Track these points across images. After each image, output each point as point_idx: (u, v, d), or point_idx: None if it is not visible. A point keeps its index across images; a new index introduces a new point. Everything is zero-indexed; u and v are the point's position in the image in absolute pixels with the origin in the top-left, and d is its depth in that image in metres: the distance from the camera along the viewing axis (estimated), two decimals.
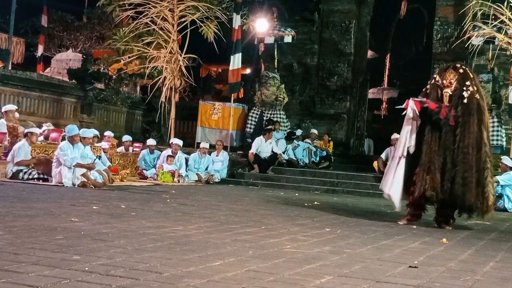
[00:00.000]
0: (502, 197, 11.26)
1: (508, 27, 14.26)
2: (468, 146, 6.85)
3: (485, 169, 6.89)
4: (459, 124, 6.92)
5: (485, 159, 6.90)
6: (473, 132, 6.89)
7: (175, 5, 15.79)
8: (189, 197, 9.49)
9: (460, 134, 6.89)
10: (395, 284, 3.51)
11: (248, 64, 21.29)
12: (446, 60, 17.73)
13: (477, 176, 6.84)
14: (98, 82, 18.89)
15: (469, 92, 6.96)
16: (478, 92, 7.05)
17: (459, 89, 7.00)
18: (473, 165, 6.82)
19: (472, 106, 6.95)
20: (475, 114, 6.93)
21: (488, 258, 4.84)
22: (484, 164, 6.89)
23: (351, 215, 8.22)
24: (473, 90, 6.99)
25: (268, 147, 15.16)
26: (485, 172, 6.88)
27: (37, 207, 6.39)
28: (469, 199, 6.81)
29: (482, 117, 6.99)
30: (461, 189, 6.81)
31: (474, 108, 6.95)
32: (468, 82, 7.01)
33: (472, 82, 7.04)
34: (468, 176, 6.80)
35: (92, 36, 25.96)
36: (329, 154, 16.98)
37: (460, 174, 6.81)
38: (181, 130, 19.20)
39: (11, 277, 3.00)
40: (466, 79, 7.03)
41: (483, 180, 6.87)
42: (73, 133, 10.37)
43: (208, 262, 3.79)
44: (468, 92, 6.96)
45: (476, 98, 7.00)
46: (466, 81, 7.02)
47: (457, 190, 6.82)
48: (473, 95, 6.98)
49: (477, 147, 6.90)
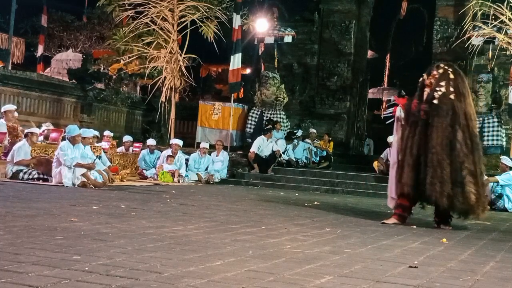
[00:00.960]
0: (502, 197, 11.24)
1: (508, 27, 14.27)
2: (436, 146, 6.81)
3: (463, 169, 6.78)
4: (430, 125, 6.93)
5: (463, 158, 6.81)
6: (443, 132, 6.84)
7: (175, 5, 15.79)
8: (189, 197, 9.49)
9: (429, 135, 6.89)
10: (395, 284, 3.51)
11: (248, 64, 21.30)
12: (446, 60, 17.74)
13: (453, 175, 6.76)
14: (98, 82, 18.89)
15: (440, 92, 6.93)
16: (454, 93, 6.96)
17: (433, 89, 7.01)
18: (443, 164, 6.76)
19: (442, 107, 6.90)
20: (445, 116, 6.87)
21: (488, 258, 4.84)
22: (461, 165, 6.79)
23: (351, 215, 8.22)
24: (445, 91, 6.93)
25: (269, 147, 15.17)
26: (463, 172, 6.78)
27: (37, 207, 6.39)
28: (441, 200, 6.75)
29: (456, 117, 6.89)
30: (430, 188, 6.76)
31: (445, 108, 6.89)
32: (442, 83, 6.98)
33: (448, 84, 6.98)
34: (436, 176, 6.74)
35: (92, 36, 25.97)
36: (329, 154, 16.99)
37: (429, 174, 6.78)
38: (181, 130, 19.20)
39: (11, 277, 3.00)
40: (442, 80, 7.01)
41: (461, 179, 6.77)
42: (74, 134, 10.37)
43: (208, 262, 3.79)
44: (439, 92, 6.94)
45: (450, 98, 6.93)
46: (441, 82, 6.99)
47: (428, 190, 6.78)
48: (446, 96, 6.93)
49: (450, 146, 6.83)
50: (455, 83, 7.05)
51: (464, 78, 7.30)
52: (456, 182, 6.78)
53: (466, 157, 6.84)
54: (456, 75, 7.14)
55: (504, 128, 15.27)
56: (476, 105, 15.39)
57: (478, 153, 7.03)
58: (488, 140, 14.99)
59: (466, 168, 6.80)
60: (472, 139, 6.99)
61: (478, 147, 7.08)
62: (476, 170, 6.91)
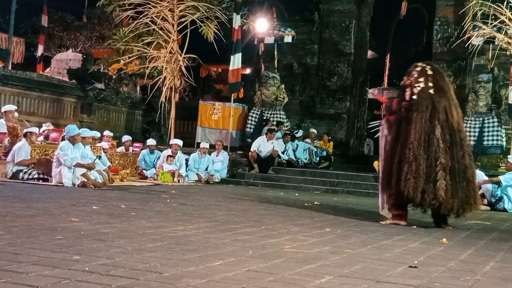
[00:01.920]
0: (502, 199, 11.21)
1: (508, 27, 14.26)
2: (413, 142, 6.82)
3: (437, 164, 6.77)
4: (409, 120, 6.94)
5: (438, 154, 6.80)
6: (421, 127, 6.84)
7: (175, 5, 15.79)
8: (189, 197, 9.48)
9: (408, 131, 6.89)
10: (395, 284, 3.51)
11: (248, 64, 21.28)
12: (446, 60, 17.77)
13: (427, 170, 6.75)
14: (98, 82, 18.90)
15: (419, 88, 6.96)
16: (433, 88, 6.99)
17: (412, 86, 7.05)
18: (419, 160, 6.76)
19: (421, 101, 6.92)
20: (424, 111, 6.89)
21: (488, 258, 4.83)
22: (436, 161, 6.78)
23: (351, 215, 8.22)
24: (424, 87, 6.97)
25: (269, 147, 15.16)
26: (437, 167, 6.77)
27: (37, 207, 6.39)
28: (409, 194, 6.73)
29: (435, 112, 6.90)
30: (404, 184, 6.76)
31: (424, 103, 6.91)
32: (421, 79, 7.02)
33: (427, 80, 7.01)
34: (410, 171, 6.74)
35: (92, 36, 25.96)
36: (329, 154, 16.98)
37: (405, 169, 6.78)
38: (181, 130, 19.21)
39: (11, 277, 3.00)
40: (420, 76, 7.05)
41: (434, 175, 6.76)
42: (74, 133, 10.38)
43: (208, 262, 3.79)
44: (417, 88, 6.97)
45: (429, 93, 6.96)
46: (420, 78, 7.04)
47: (401, 186, 6.78)
48: (424, 92, 6.96)
49: (428, 141, 6.83)
50: (434, 78, 7.09)
51: (443, 74, 7.34)
52: (429, 178, 6.77)
53: (442, 153, 6.82)
54: (434, 71, 7.18)
55: (504, 128, 15.27)
56: (476, 105, 15.41)
57: (461, 148, 6.98)
58: (488, 140, 14.99)
59: (441, 163, 6.78)
60: (453, 134, 6.95)
61: (461, 143, 7.01)
62: (455, 165, 6.86)
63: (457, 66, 17.62)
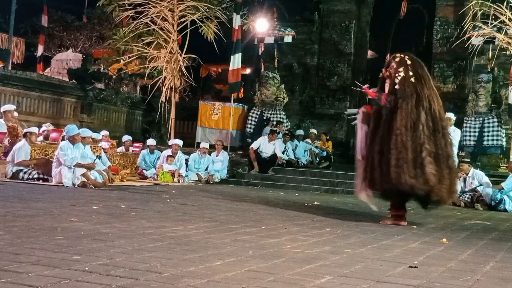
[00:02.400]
0: (502, 201, 11.18)
1: (508, 27, 14.26)
2: (400, 128, 6.78)
3: (423, 150, 6.74)
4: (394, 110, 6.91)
5: (423, 140, 6.77)
6: (408, 113, 6.82)
7: (175, 5, 15.79)
8: (189, 197, 9.48)
9: (395, 119, 6.85)
10: (395, 284, 3.51)
11: (248, 64, 21.30)
12: (446, 60, 17.79)
13: (413, 156, 6.73)
14: (98, 82, 18.91)
15: (400, 77, 6.95)
16: (414, 76, 6.97)
17: (393, 77, 7.03)
18: (407, 145, 6.73)
19: (406, 89, 6.90)
20: (409, 97, 6.86)
21: (488, 258, 4.83)
22: (421, 146, 6.76)
23: (351, 215, 8.22)
24: (405, 76, 6.95)
25: (270, 148, 15.14)
26: (423, 153, 6.74)
27: (37, 207, 6.39)
28: (405, 180, 6.66)
29: (419, 99, 6.88)
30: (396, 170, 6.69)
31: (409, 91, 6.89)
32: (401, 69, 7.00)
33: (407, 69, 6.99)
34: (401, 158, 6.69)
35: (92, 36, 25.97)
36: (329, 154, 16.98)
37: (394, 155, 6.72)
38: (181, 130, 19.22)
39: (11, 277, 3.00)
40: (399, 66, 7.04)
41: (421, 160, 6.73)
42: (73, 133, 10.38)
43: (208, 262, 3.79)
44: (398, 78, 6.96)
45: (411, 81, 6.94)
46: (399, 68, 7.02)
47: (392, 173, 6.71)
48: (406, 80, 6.93)
49: (413, 127, 6.80)
50: (414, 68, 7.07)
51: (422, 64, 7.29)
52: (416, 163, 6.73)
53: (427, 139, 6.81)
54: (413, 61, 7.16)
55: (504, 128, 15.27)
56: (476, 105, 15.41)
57: (443, 136, 6.98)
58: (488, 140, 14.98)
59: (426, 149, 6.76)
60: (435, 122, 6.94)
61: (443, 131, 7.01)
62: (439, 152, 6.85)
63: (457, 66, 17.63)
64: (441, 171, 6.81)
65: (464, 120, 15.22)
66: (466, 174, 12.22)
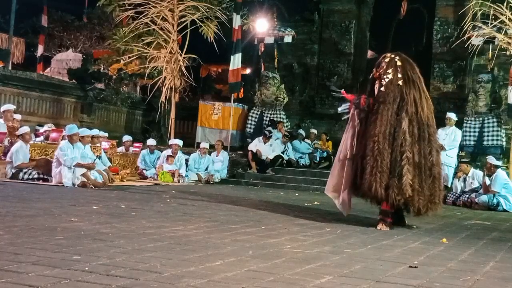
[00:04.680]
0: (499, 204, 11.18)
1: (508, 27, 14.25)
2: (378, 134, 6.48)
3: (403, 159, 6.44)
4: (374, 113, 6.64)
5: (404, 148, 6.46)
6: (387, 120, 6.53)
7: (175, 5, 15.78)
8: (189, 197, 9.48)
9: (373, 123, 6.58)
10: (395, 284, 3.51)
11: (248, 64, 21.29)
12: (446, 60, 17.78)
13: (391, 165, 6.43)
14: (98, 82, 18.90)
15: (387, 80, 6.66)
16: (402, 79, 6.68)
17: (381, 78, 6.76)
18: (384, 154, 6.43)
19: (388, 93, 6.61)
20: (392, 102, 6.58)
21: (488, 258, 4.83)
22: (402, 154, 6.45)
23: (351, 215, 8.21)
24: (392, 78, 6.66)
25: (267, 150, 15.14)
26: (402, 162, 6.44)
27: (37, 207, 6.39)
28: (375, 189, 6.39)
29: (403, 104, 6.60)
30: (369, 178, 6.42)
31: (392, 95, 6.60)
32: (389, 70, 6.71)
33: (396, 70, 6.71)
34: (376, 166, 6.43)
35: (92, 36, 25.96)
36: (329, 154, 16.97)
37: (370, 163, 6.44)
38: (181, 130, 19.20)
39: (11, 277, 3.00)
40: (388, 68, 6.75)
41: (399, 169, 6.43)
42: (72, 132, 10.38)
43: (208, 262, 3.79)
44: (386, 79, 6.67)
45: (398, 85, 6.64)
46: (388, 69, 6.73)
47: (366, 181, 6.45)
48: (393, 83, 6.64)
49: (393, 135, 6.51)
50: (403, 69, 6.77)
51: (414, 65, 6.93)
52: (394, 172, 6.45)
53: (409, 147, 6.51)
54: (403, 61, 6.84)
55: (504, 128, 15.26)
56: (476, 105, 15.40)
57: (428, 144, 6.66)
58: (488, 140, 14.98)
59: (406, 158, 6.46)
60: (421, 128, 6.64)
61: (429, 138, 6.68)
62: (421, 161, 6.55)
63: (457, 66, 17.63)
64: (421, 181, 6.53)
65: (464, 120, 15.22)
66: (466, 174, 12.23)
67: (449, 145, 13.10)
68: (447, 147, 12.98)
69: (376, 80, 6.89)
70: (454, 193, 12.10)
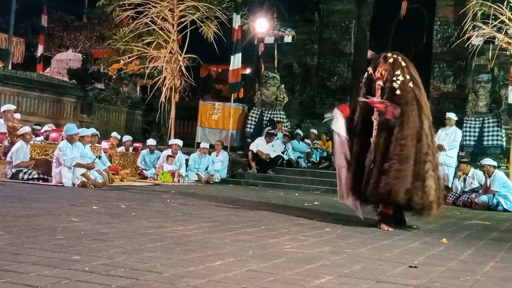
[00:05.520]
0: (499, 204, 11.17)
1: (508, 27, 14.25)
2: (406, 137, 6.35)
3: (426, 161, 6.38)
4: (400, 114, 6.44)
5: (426, 150, 6.41)
6: (413, 121, 6.41)
7: (175, 5, 15.78)
8: (189, 197, 9.48)
9: (399, 126, 6.39)
10: (395, 284, 3.51)
11: (248, 64, 21.29)
12: (446, 60, 17.78)
13: (416, 169, 6.33)
14: (98, 82, 18.91)
15: (399, 81, 6.51)
16: (412, 81, 6.58)
17: (389, 80, 6.57)
18: (410, 156, 6.31)
19: (408, 95, 6.48)
20: (413, 103, 6.46)
21: (488, 258, 4.83)
22: (425, 156, 6.39)
23: (351, 215, 8.21)
24: (404, 80, 6.52)
25: (269, 150, 15.14)
26: (426, 165, 6.37)
27: (37, 207, 6.39)
28: (397, 195, 6.25)
29: (420, 106, 6.51)
30: (393, 182, 6.25)
31: (410, 97, 6.49)
32: (398, 72, 6.56)
33: (403, 71, 6.59)
34: (403, 169, 6.23)
35: (92, 36, 25.97)
36: (329, 154, 16.97)
37: (395, 167, 6.28)
38: (181, 130, 19.20)
39: (11, 277, 3.00)
40: (396, 69, 6.59)
41: (423, 173, 6.35)
42: (71, 132, 10.38)
43: (208, 262, 3.79)
44: (397, 82, 6.51)
45: (410, 87, 6.53)
46: (396, 71, 6.57)
47: (390, 185, 6.26)
48: (406, 84, 6.52)
49: (417, 137, 6.41)
50: (408, 70, 6.67)
51: (413, 66, 6.84)
52: (418, 175, 6.34)
53: (429, 149, 6.47)
54: (406, 62, 6.75)
55: (504, 128, 15.26)
56: (476, 105, 15.41)
57: (433, 144, 6.67)
58: (488, 140, 14.98)
59: (430, 161, 6.40)
60: (431, 129, 6.62)
61: (432, 139, 6.66)
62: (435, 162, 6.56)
63: (457, 66, 17.63)
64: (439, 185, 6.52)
65: (464, 120, 15.22)
66: (466, 174, 12.23)
67: (449, 145, 13.11)
68: (447, 147, 12.99)
69: (375, 81, 6.70)
70: (454, 193, 12.10)
